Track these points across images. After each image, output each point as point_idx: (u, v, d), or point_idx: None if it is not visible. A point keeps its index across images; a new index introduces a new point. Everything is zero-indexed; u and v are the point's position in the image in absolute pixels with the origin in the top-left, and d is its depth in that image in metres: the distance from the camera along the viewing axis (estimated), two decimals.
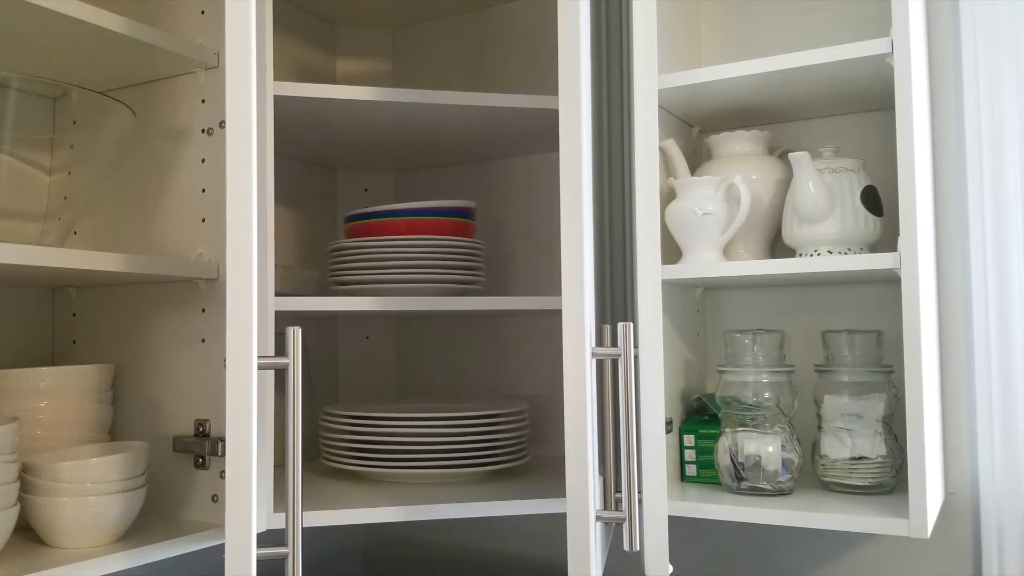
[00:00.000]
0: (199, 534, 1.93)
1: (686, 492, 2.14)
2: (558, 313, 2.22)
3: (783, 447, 2.07)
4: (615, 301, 2.42)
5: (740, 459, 2.09)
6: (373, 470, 2.29)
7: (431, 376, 2.96)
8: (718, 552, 2.49)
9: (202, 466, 2.04)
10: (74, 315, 2.27)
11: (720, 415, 2.16)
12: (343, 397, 2.98)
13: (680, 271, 2.08)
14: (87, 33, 1.84)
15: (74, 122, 2.05)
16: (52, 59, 2.00)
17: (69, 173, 1.95)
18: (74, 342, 2.26)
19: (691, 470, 2.24)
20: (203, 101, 2.09)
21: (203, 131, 2.08)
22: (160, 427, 2.11)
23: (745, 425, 2.10)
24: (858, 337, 2.09)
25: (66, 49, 1.94)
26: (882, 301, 2.28)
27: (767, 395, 2.09)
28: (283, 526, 1.79)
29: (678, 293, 2.27)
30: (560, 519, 2.70)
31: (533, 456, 2.73)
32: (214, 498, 2.03)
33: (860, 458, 2.06)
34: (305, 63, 2.87)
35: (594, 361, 1.69)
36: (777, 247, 2.24)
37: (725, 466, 2.12)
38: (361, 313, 2.46)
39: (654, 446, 1.97)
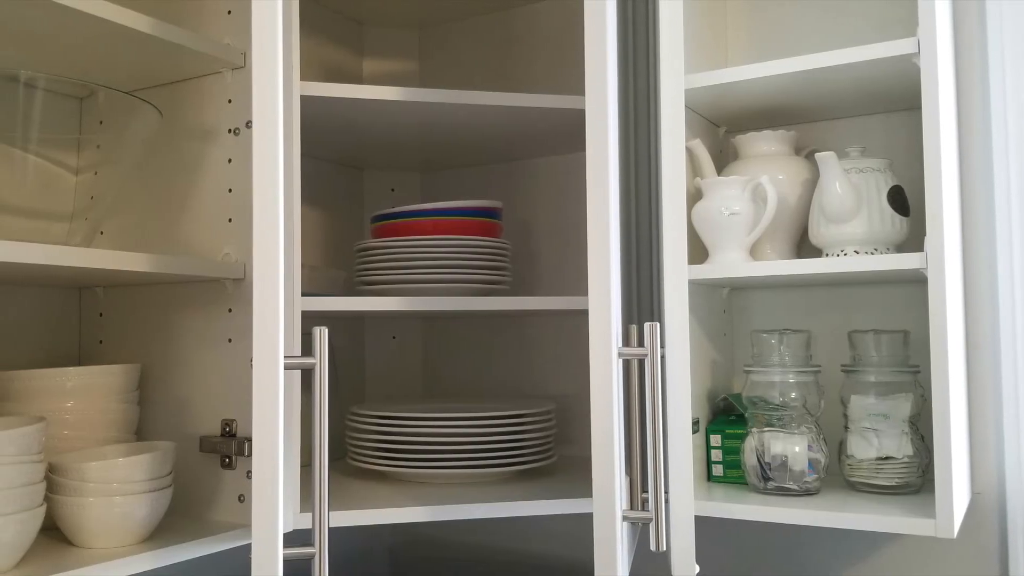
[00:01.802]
0: (225, 534, 1.94)
1: (712, 492, 2.14)
2: (584, 313, 2.22)
3: (809, 447, 2.08)
4: (641, 301, 2.42)
5: (767, 459, 2.10)
6: (399, 470, 2.30)
7: (457, 376, 2.97)
8: (744, 552, 2.50)
9: (228, 466, 2.04)
10: (101, 315, 2.28)
11: (747, 415, 2.17)
12: (370, 397, 2.99)
13: (707, 271, 2.09)
14: (114, 33, 1.85)
15: (101, 122, 2.07)
16: (79, 59, 2.00)
17: (96, 173, 1.96)
18: (101, 342, 2.27)
19: (717, 470, 2.25)
20: (230, 101, 2.10)
21: (230, 131, 2.09)
22: (187, 427, 2.12)
23: (772, 425, 2.11)
24: (885, 337, 2.09)
25: (93, 49, 1.95)
26: (909, 301, 2.29)
27: (794, 395, 2.10)
28: (309, 526, 1.79)
29: (705, 293, 2.28)
30: (586, 519, 2.70)
31: (559, 456, 2.73)
32: (240, 498, 2.04)
33: (887, 458, 2.06)
34: (332, 63, 2.89)
35: (620, 361, 1.69)
36: (804, 247, 2.25)
37: (752, 466, 2.13)
38: (388, 313, 2.46)
39: (681, 446, 1.98)
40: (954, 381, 1.89)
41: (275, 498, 1.55)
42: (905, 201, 2.05)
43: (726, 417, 2.32)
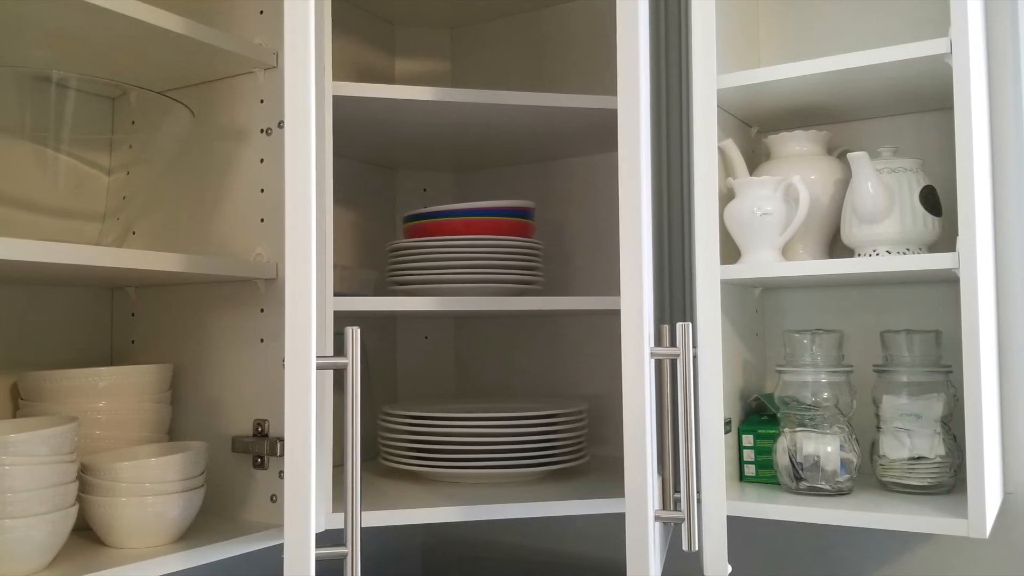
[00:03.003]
0: (258, 534, 1.95)
1: (745, 492, 2.15)
2: (617, 313, 2.22)
3: (842, 447, 2.09)
4: (674, 301, 2.43)
5: (799, 459, 2.10)
6: (432, 470, 2.31)
7: (490, 376, 2.98)
8: (776, 552, 2.51)
9: (261, 466, 2.06)
10: (133, 315, 2.30)
11: (779, 415, 2.17)
12: (402, 397, 2.99)
13: (739, 271, 2.09)
14: (146, 33, 1.86)
15: (133, 122, 2.08)
16: (111, 59, 2.01)
17: (128, 173, 1.97)
18: (133, 342, 2.29)
19: (750, 470, 2.25)
20: (262, 101, 2.11)
21: (262, 131, 2.11)
22: (219, 427, 2.14)
23: (804, 425, 2.11)
24: (917, 337, 2.10)
25: (125, 49, 1.96)
26: (941, 301, 2.30)
27: (826, 395, 2.10)
28: (342, 526, 1.79)
29: (737, 293, 2.29)
30: (619, 519, 2.70)
31: (592, 456, 2.73)
32: (273, 498, 2.05)
33: (919, 458, 2.07)
34: (364, 63, 2.90)
35: (653, 361, 1.69)
36: (836, 247, 2.25)
37: (784, 466, 2.13)
38: (420, 313, 2.47)
39: (713, 446, 1.99)
40: (986, 381, 1.89)
41: (307, 498, 1.55)
42: (937, 201, 2.05)
43: (758, 417, 2.33)
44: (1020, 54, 2.21)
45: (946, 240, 2.07)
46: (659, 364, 1.79)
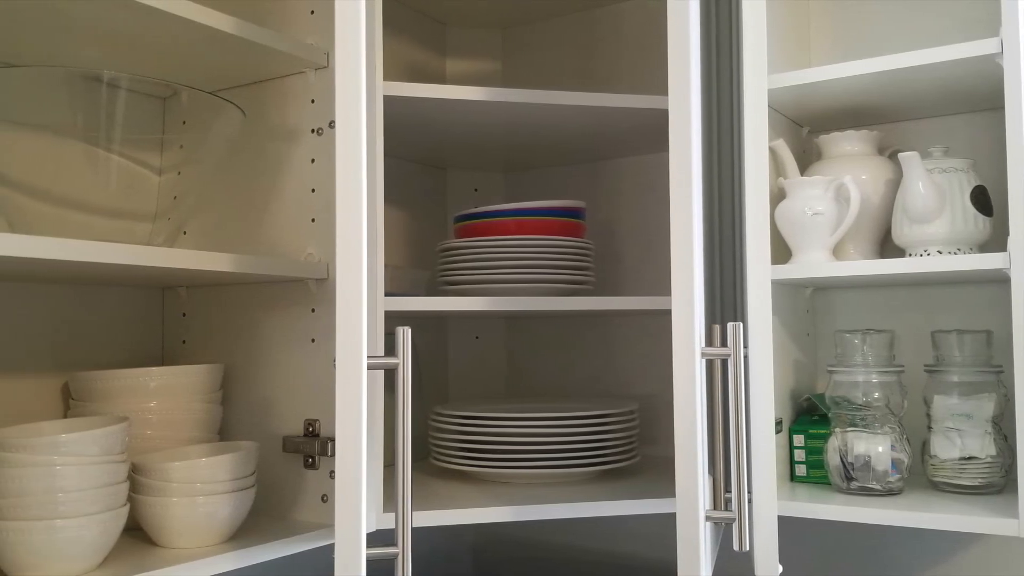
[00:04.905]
0: (309, 534, 1.97)
1: (796, 492, 2.17)
2: (667, 313, 2.22)
3: (893, 447, 2.10)
4: (724, 301, 2.43)
5: (850, 459, 2.11)
6: (482, 470, 2.33)
7: (541, 376, 3.00)
8: (827, 552, 2.51)
9: (312, 466, 2.08)
10: (184, 315, 2.32)
11: (830, 415, 2.19)
12: (453, 397, 3.02)
13: (790, 271, 2.11)
14: (197, 33, 1.88)
15: (184, 122, 2.09)
16: (162, 59, 2.03)
17: (179, 173, 1.99)
18: (184, 342, 2.32)
19: (801, 470, 2.26)
20: (313, 101, 2.13)
21: (313, 131, 2.12)
22: (270, 427, 2.16)
23: (855, 425, 2.12)
24: (968, 337, 2.11)
25: (176, 49, 1.98)
26: (992, 301, 2.30)
27: (877, 395, 2.11)
28: (392, 526, 1.81)
29: (788, 293, 2.30)
30: (669, 519, 2.70)
31: (643, 456, 2.75)
32: (324, 498, 2.07)
33: (970, 458, 2.07)
34: (415, 63, 2.92)
35: (704, 361, 1.69)
36: (886, 247, 2.27)
37: (835, 466, 2.15)
38: (471, 313, 2.50)
39: (764, 446, 2.01)
40: None
41: (358, 498, 1.55)
42: (988, 201, 2.06)
43: (809, 417, 2.34)
44: None
45: (997, 240, 2.06)
46: (710, 364, 1.80)
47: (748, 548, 1.77)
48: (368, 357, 1.58)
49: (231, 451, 1.94)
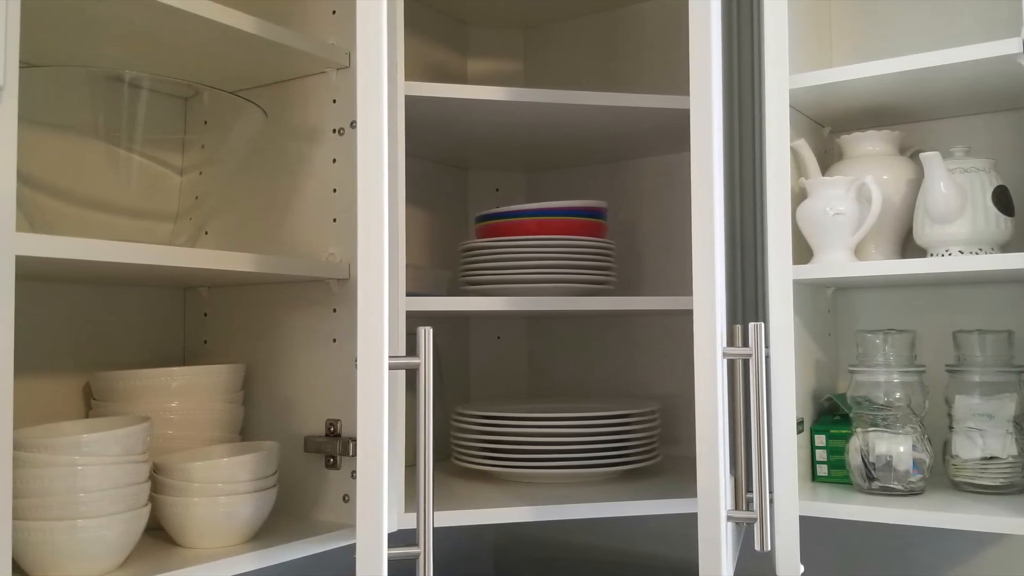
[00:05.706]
0: (330, 534, 1.97)
1: (817, 492, 2.17)
2: (689, 313, 2.23)
3: (914, 447, 2.10)
4: (746, 301, 2.43)
5: (871, 459, 2.11)
6: (504, 470, 2.34)
7: (562, 376, 3.01)
8: (848, 552, 2.51)
9: (333, 466, 2.09)
10: (205, 315, 2.33)
11: (851, 415, 2.19)
12: (474, 397, 3.03)
13: (811, 271, 2.11)
14: (219, 33, 1.89)
15: (205, 122, 2.12)
16: (183, 59, 2.04)
17: (200, 173, 2.00)
18: (205, 342, 2.33)
19: (822, 470, 2.27)
20: (334, 101, 2.14)
21: (334, 131, 2.13)
22: (291, 427, 2.16)
23: (876, 425, 2.13)
24: (989, 337, 2.11)
25: (197, 49, 1.99)
26: (1013, 301, 2.30)
27: (898, 395, 2.11)
28: (414, 526, 1.81)
29: (809, 293, 2.30)
30: (691, 519, 2.72)
31: (664, 456, 2.76)
32: (345, 498, 2.08)
33: (991, 458, 2.08)
34: (437, 63, 2.94)
35: (725, 361, 1.70)
36: (908, 247, 2.27)
37: (856, 466, 2.15)
38: (492, 313, 2.50)
39: (785, 446, 2.01)
40: None
41: (380, 498, 1.54)
42: (1010, 201, 2.06)
43: (830, 417, 2.34)
44: None
45: (1019, 240, 2.07)
46: (731, 364, 1.80)
47: (769, 548, 1.78)
48: (390, 357, 1.57)
49: (252, 451, 1.94)
